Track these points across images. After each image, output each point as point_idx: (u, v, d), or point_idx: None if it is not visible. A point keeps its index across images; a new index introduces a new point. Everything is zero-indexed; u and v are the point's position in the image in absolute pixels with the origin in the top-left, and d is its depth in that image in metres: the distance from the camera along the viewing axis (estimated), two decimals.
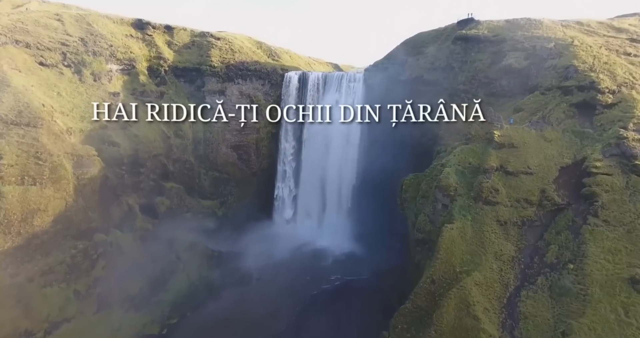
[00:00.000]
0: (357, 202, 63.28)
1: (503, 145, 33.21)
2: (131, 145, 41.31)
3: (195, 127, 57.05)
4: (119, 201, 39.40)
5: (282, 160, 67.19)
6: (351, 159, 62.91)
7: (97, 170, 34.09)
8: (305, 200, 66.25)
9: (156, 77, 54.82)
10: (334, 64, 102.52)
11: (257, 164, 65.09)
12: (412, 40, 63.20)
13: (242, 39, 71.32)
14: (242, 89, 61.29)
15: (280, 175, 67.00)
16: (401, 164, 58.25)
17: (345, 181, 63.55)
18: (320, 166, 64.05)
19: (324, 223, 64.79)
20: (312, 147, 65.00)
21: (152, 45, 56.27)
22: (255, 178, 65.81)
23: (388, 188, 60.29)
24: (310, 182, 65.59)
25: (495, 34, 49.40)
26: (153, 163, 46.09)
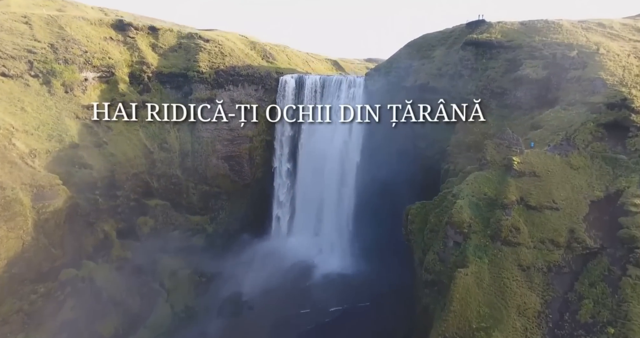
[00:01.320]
0: (357, 216, 59.48)
1: (523, 174, 29.13)
2: (106, 166, 37.18)
3: (182, 138, 52.84)
4: (92, 229, 35.50)
5: (277, 170, 63.22)
6: (350, 169, 58.96)
7: (63, 200, 30.09)
8: (302, 212, 62.44)
9: (139, 84, 50.39)
10: (333, 60, 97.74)
11: (250, 175, 61.02)
12: (417, 42, 58.62)
13: (234, 39, 66.61)
14: (233, 95, 56.87)
15: (276, 187, 63.04)
16: (404, 177, 54.32)
17: (344, 194, 59.63)
18: (318, 177, 60.07)
19: (322, 238, 61.03)
20: (310, 156, 61.03)
21: (135, 49, 51.68)
22: (248, 190, 61.80)
23: (389, 202, 56.55)
24: (307, 194, 61.72)
25: (510, 38, 44.93)
26: (133, 182, 42.02)
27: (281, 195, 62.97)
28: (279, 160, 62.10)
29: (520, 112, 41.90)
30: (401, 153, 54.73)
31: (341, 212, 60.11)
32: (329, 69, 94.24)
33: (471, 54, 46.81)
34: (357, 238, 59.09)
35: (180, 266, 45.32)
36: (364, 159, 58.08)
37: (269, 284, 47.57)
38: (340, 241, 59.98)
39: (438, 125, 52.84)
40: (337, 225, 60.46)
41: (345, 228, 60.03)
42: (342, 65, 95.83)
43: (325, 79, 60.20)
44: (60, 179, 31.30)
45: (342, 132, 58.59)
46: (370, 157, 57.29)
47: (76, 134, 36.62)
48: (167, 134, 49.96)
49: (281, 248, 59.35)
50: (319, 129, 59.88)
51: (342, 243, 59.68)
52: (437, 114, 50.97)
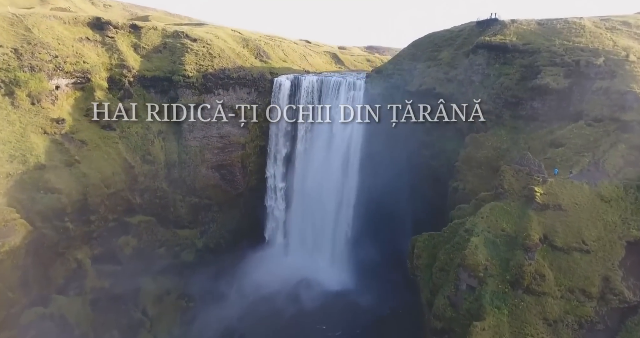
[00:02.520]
0: (356, 228, 56.09)
1: (547, 207, 25.48)
2: (78, 189, 33.34)
3: (168, 148, 48.83)
4: (63, 259, 32.01)
5: (272, 178, 59.49)
6: (350, 177, 55.22)
7: (21, 237, 26.45)
8: (299, 224, 58.95)
9: (119, 89, 46.10)
10: (332, 53, 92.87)
11: (243, 184, 57.25)
12: (422, 42, 54.17)
13: (224, 36, 61.92)
14: (223, 100, 52.54)
15: (270, 196, 59.42)
16: (407, 188, 50.80)
17: (343, 205, 56.03)
18: (316, 186, 56.40)
19: (320, 251, 57.67)
20: (307, 164, 57.25)
21: (114, 51, 47.19)
22: (241, 199, 58.14)
23: (391, 213, 53.18)
24: (304, 204, 58.14)
25: (526, 42, 40.62)
26: (112, 202, 38.25)
27: (277, 207, 59.47)
28: (273, 171, 58.33)
29: (536, 124, 37.98)
30: (404, 161, 50.98)
31: (340, 223, 56.68)
32: (328, 63, 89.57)
33: (483, 58, 42.55)
34: (357, 252, 55.80)
35: (166, 289, 42.02)
36: (365, 166, 54.34)
37: (263, 307, 44.44)
38: (340, 254, 56.71)
39: (444, 133, 49.43)
40: (335, 237, 57.09)
41: (344, 240, 56.71)
42: (342, 58, 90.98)
43: (323, 81, 55.88)
44: (22, 208, 27.62)
45: (341, 137, 54.77)
46: (371, 164, 53.54)
47: (43, 153, 32.67)
48: (151, 144, 45.94)
49: (277, 262, 56.12)
50: (317, 133, 56.25)
51: (341, 257, 56.43)
52: (437, 114, 47.82)
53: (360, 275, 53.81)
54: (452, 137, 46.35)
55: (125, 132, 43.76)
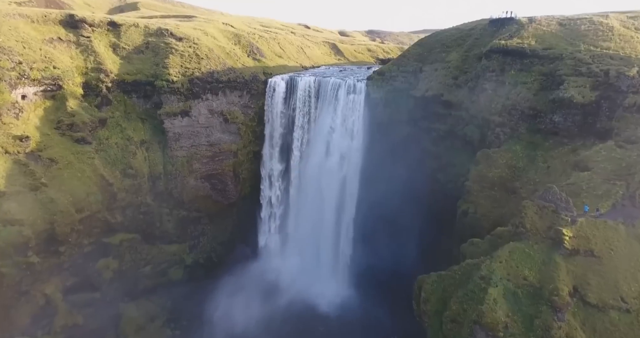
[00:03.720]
0: (357, 239, 52.91)
1: (577, 252, 22.02)
2: (44, 217, 29.69)
3: (152, 159, 44.99)
4: (28, 296, 28.70)
5: (267, 187, 55.91)
6: (350, 187, 51.67)
7: None
8: (296, 234, 55.72)
9: (96, 96, 41.93)
10: (332, 43, 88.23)
11: (235, 193, 53.67)
12: (429, 42, 49.65)
13: (214, 32, 57.27)
14: (212, 105, 48.50)
15: (265, 206, 55.98)
16: (410, 199, 47.16)
17: (344, 214, 52.62)
18: (314, 196, 52.93)
19: (318, 262, 54.57)
20: (303, 172, 53.62)
21: (90, 52, 42.78)
22: (234, 210, 54.73)
23: (393, 225, 49.84)
24: (301, 214, 54.80)
25: (547, 46, 36.36)
26: (87, 226, 34.69)
27: (272, 217, 56.10)
28: (268, 179, 54.70)
29: (556, 140, 34.19)
30: (408, 172, 47.34)
31: (340, 233, 53.43)
32: (327, 54, 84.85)
33: (497, 63, 38.33)
34: (358, 266, 52.78)
35: (150, 315, 38.98)
36: (366, 174, 50.79)
37: (259, 333, 41.50)
38: (339, 269, 53.70)
39: (452, 144, 45.43)
40: (335, 248, 53.93)
41: (345, 252, 53.62)
42: (341, 49, 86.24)
43: (320, 82, 51.64)
44: None
45: (341, 144, 50.96)
46: (372, 172, 50.02)
47: (3, 178, 28.90)
48: (132, 156, 42.10)
49: (273, 277, 53.13)
50: (314, 140, 52.46)
51: (341, 272, 53.45)
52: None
53: (362, 289, 50.97)
54: (461, 149, 42.60)
55: (103, 144, 39.87)
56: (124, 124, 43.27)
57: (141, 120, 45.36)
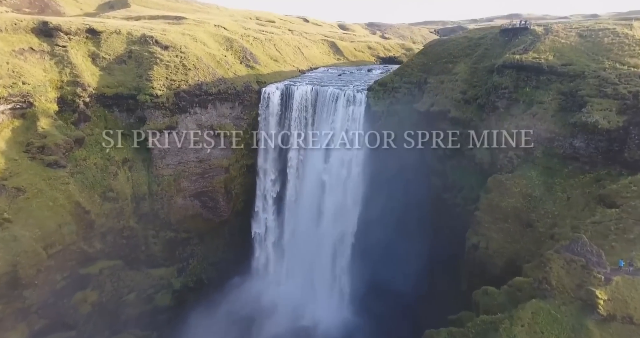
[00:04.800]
0: (356, 257, 50.03)
1: (613, 318, 19.04)
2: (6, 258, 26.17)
3: (135, 179, 41.70)
4: None
5: (261, 203, 52.82)
6: (350, 205, 48.67)
7: None
8: (292, 252, 52.80)
9: (72, 112, 38.48)
10: (330, 41, 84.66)
11: (228, 210, 50.56)
12: (434, 51, 46.11)
13: (204, 37, 53.61)
14: (201, 119, 45.09)
15: (260, 224, 52.90)
16: (414, 219, 44.39)
17: (343, 232, 49.63)
18: (311, 213, 49.94)
19: (315, 283, 51.74)
20: (300, 187, 50.55)
21: (66, 63, 39.21)
22: (226, 227, 51.65)
23: (394, 244, 47.18)
24: (298, 230, 51.86)
25: (566, 61, 33.00)
26: (59, 262, 31.52)
27: (267, 235, 53.07)
28: (262, 196, 51.55)
29: (576, 167, 31.07)
30: (411, 189, 44.40)
31: (339, 251, 50.54)
32: (326, 53, 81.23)
33: (510, 79, 34.98)
34: (358, 287, 49.97)
35: None
36: (367, 189, 47.81)
37: None
38: (338, 290, 50.92)
39: (459, 163, 42.22)
40: (333, 270, 51.07)
41: (343, 274, 50.78)
42: (341, 48, 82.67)
43: (318, 92, 48.28)
44: None
45: (340, 158, 47.87)
46: (374, 188, 47.07)
47: None
48: (113, 177, 38.80)
49: (269, 299, 50.36)
50: (312, 153, 49.29)
51: (340, 293, 50.66)
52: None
53: (363, 312, 48.19)
54: (470, 170, 39.42)
55: (79, 166, 36.51)
56: (104, 142, 39.83)
57: (124, 137, 41.94)
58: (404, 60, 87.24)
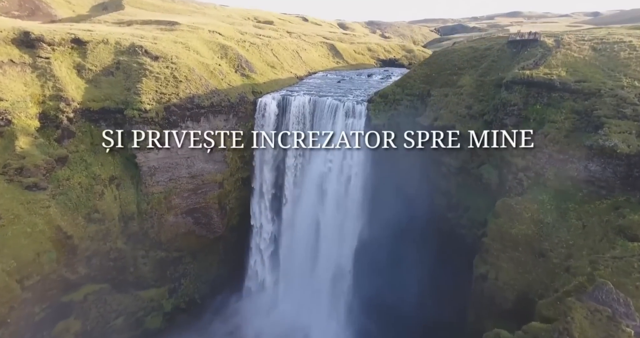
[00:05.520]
0: (358, 274, 48.07)
1: None
2: None
3: (123, 198, 39.54)
4: None
5: (257, 220, 50.78)
6: (350, 221, 46.69)
7: None
8: (290, 268, 50.84)
9: (56, 128, 36.27)
10: (329, 44, 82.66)
11: (222, 226, 48.48)
12: (437, 61, 44.01)
13: (197, 44, 51.48)
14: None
15: (257, 241, 50.86)
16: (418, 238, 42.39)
17: (343, 249, 47.61)
18: (309, 231, 47.91)
19: (316, 300, 49.73)
20: (298, 203, 48.53)
21: (48, 76, 36.98)
22: (220, 243, 49.57)
23: (397, 263, 45.13)
24: (296, 246, 49.85)
25: (580, 78, 30.98)
26: (38, 292, 29.40)
27: (263, 252, 51.04)
28: (257, 211, 49.52)
29: (591, 191, 29.06)
30: (414, 206, 42.41)
31: (338, 271, 48.48)
32: (325, 56, 79.16)
33: (519, 96, 32.93)
34: (359, 306, 47.96)
35: None
36: (369, 203, 45.88)
37: None
38: (339, 309, 48.93)
39: (465, 181, 40.26)
40: (333, 288, 49.06)
41: (343, 292, 48.77)
42: (340, 50, 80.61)
43: (316, 102, 46.22)
44: None
45: (340, 171, 45.90)
46: (375, 202, 45.14)
47: None
48: (99, 197, 36.63)
49: (266, 317, 48.43)
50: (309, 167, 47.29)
51: (341, 312, 48.66)
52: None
53: (363, 333, 46.27)
54: (476, 189, 37.40)
55: (62, 186, 34.32)
56: (90, 159, 37.68)
57: (110, 152, 39.76)
58: (405, 63, 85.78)
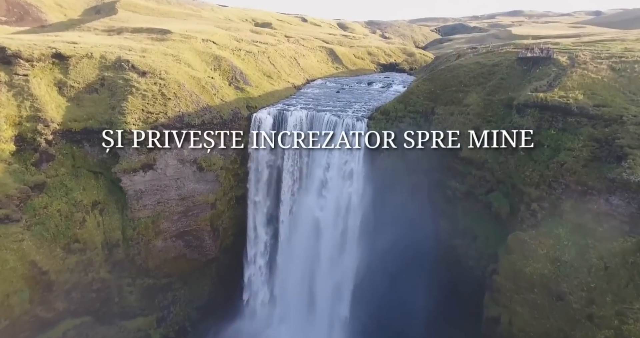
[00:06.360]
0: (356, 302, 45.64)
1: None
2: None
3: (107, 224, 36.95)
4: None
5: (252, 243, 48.28)
6: (350, 246, 44.27)
7: None
8: (285, 294, 48.38)
9: (33, 151, 33.70)
10: (328, 48, 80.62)
11: (214, 248, 45.87)
12: (442, 77, 41.61)
13: (189, 56, 49.06)
14: (182, 154, 40.33)
15: (251, 265, 48.34)
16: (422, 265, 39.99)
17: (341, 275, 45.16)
18: (306, 255, 45.47)
19: (314, 321, 47.30)
20: (294, 226, 46.12)
21: (26, 96, 34.41)
22: (213, 265, 46.98)
23: (398, 291, 42.78)
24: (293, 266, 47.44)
25: (600, 102, 28.65)
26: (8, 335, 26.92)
27: (257, 275, 48.57)
28: (253, 234, 47.02)
29: (613, 227, 26.64)
30: (417, 230, 40.00)
31: (336, 298, 46.08)
32: (324, 62, 76.89)
33: (532, 120, 30.59)
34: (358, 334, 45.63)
35: None
36: (367, 231, 43.47)
37: None
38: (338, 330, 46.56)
39: (472, 207, 37.78)
40: (331, 314, 46.65)
41: (341, 320, 46.36)
42: (339, 55, 78.61)
43: (314, 118, 43.84)
44: None
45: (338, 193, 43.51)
46: (374, 230, 42.75)
47: None
48: (80, 226, 34.08)
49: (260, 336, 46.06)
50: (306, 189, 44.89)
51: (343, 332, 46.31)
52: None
53: None
54: (484, 216, 35.02)
55: (39, 215, 31.77)
56: (71, 184, 35.10)
57: (94, 175, 37.19)
58: (406, 67, 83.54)
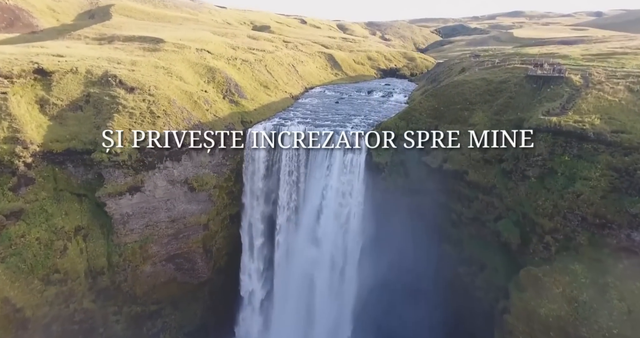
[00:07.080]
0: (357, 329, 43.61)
1: None
2: None
3: (91, 251, 34.69)
4: None
5: (247, 264, 46.12)
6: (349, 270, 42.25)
7: None
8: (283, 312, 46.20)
9: (11, 175, 31.43)
10: (327, 54, 78.89)
11: (207, 270, 43.68)
12: (446, 93, 39.54)
13: (182, 68, 46.99)
14: (173, 174, 38.12)
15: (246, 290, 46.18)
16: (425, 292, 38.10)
17: (340, 301, 43.11)
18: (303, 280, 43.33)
19: None
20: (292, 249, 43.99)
21: (4, 115, 32.17)
22: (206, 288, 44.74)
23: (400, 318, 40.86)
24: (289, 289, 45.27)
25: (618, 128, 26.67)
26: None
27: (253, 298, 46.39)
28: (247, 251, 44.85)
29: (634, 264, 24.72)
30: (420, 254, 38.08)
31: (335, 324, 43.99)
32: (323, 68, 74.97)
33: (544, 145, 28.58)
34: None
35: None
36: (367, 253, 41.46)
37: None
38: None
39: (478, 233, 35.70)
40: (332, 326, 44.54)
41: None
42: (339, 61, 76.85)
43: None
44: None
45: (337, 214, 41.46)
46: (375, 253, 40.79)
47: None
48: (60, 255, 31.84)
49: None
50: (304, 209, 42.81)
51: None
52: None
53: None
54: (492, 244, 32.86)
55: (15, 245, 29.53)
56: (52, 209, 32.83)
57: (78, 198, 34.91)
58: (406, 73, 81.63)
